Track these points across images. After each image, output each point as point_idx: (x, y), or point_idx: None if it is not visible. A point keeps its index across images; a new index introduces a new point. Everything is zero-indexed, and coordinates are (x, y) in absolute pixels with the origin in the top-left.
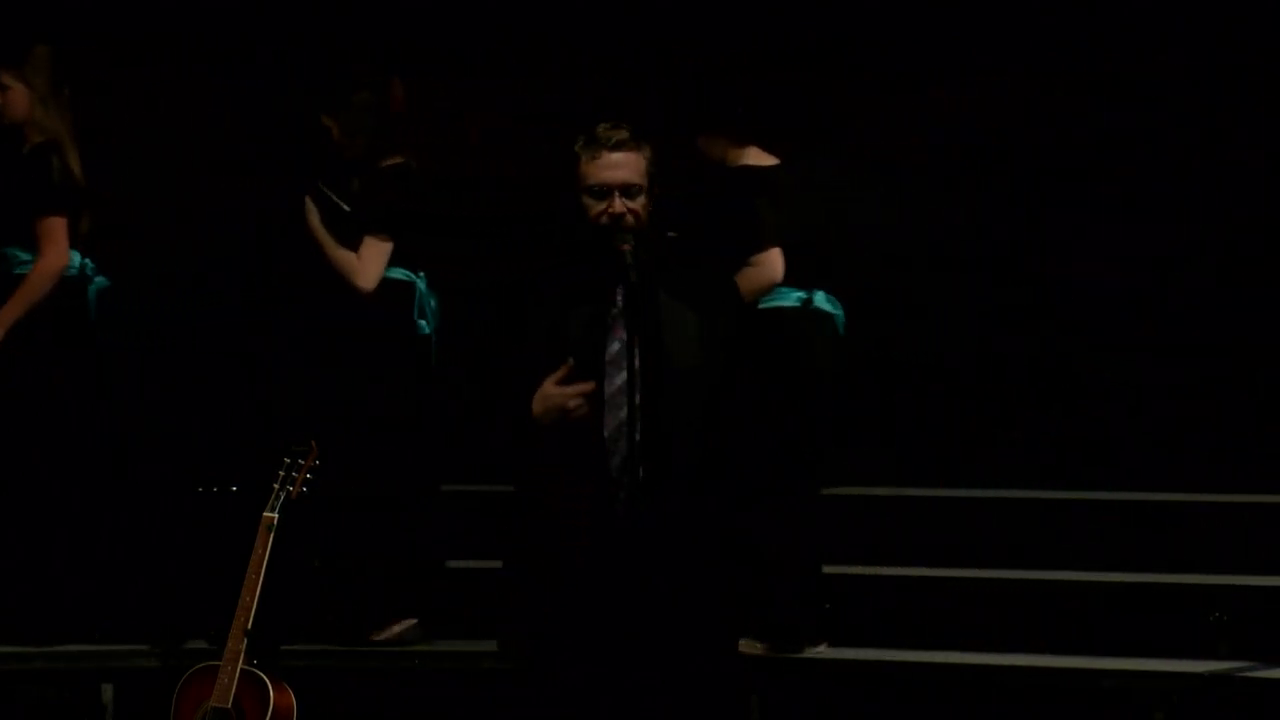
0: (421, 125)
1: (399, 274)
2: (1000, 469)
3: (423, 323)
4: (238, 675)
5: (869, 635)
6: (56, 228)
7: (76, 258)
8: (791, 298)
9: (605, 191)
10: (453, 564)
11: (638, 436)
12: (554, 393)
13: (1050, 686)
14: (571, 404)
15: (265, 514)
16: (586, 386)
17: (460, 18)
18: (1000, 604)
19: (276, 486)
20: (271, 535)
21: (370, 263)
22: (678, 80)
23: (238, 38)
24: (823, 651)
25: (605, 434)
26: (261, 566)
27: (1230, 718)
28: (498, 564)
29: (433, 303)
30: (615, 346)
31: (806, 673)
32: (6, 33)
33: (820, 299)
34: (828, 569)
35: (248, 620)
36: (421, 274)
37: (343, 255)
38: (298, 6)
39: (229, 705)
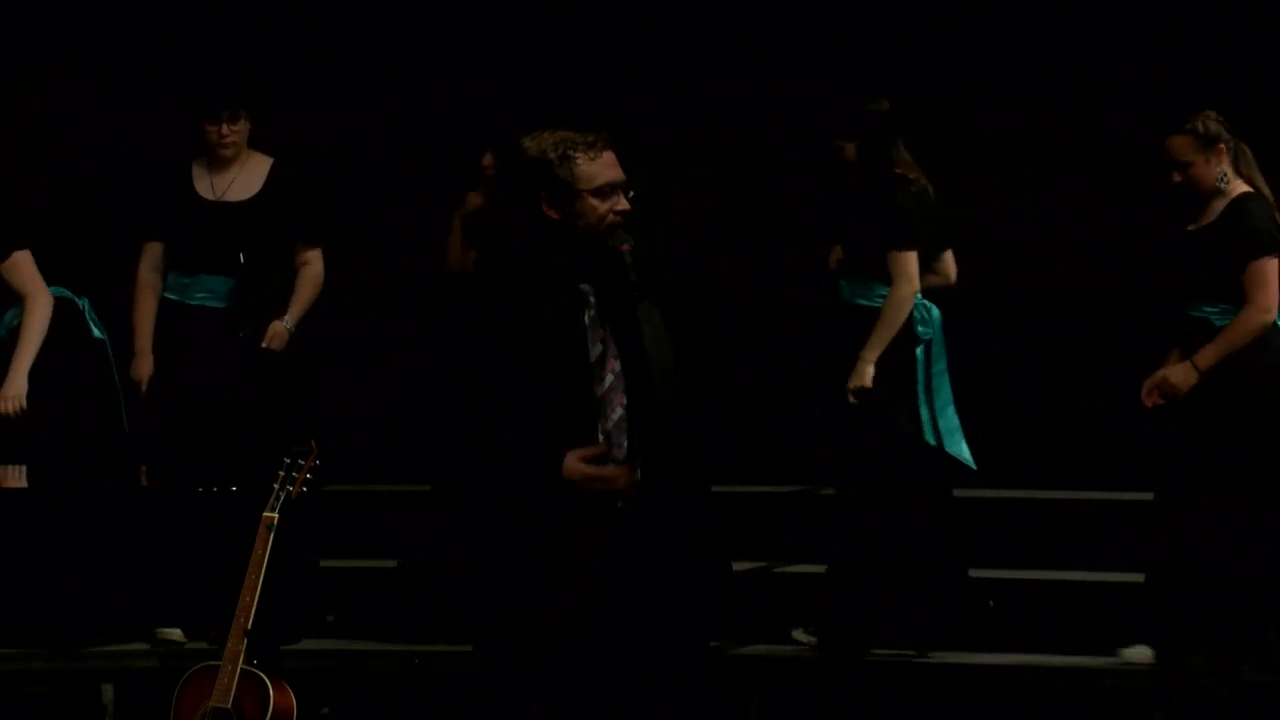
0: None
1: (58, 291)
2: (1001, 469)
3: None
4: (238, 675)
5: (869, 635)
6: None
7: None
8: None
9: (612, 190)
10: None
11: (636, 436)
12: (590, 473)
13: (1050, 686)
14: (620, 483)
15: (265, 514)
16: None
17: (460, 18)
18: (1001, 603)
19: (276, 486)
20: (271, 535)
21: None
22: (679, 81)
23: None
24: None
25: (604, 434)
26: (261, 566)
27: (1229, 717)
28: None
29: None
30: (598, 348)
31: (806, 672)
32: None
33: None
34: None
35: (248, 620)
36: (84, 299)
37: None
38: (296, 7)
39: (229, 705)
